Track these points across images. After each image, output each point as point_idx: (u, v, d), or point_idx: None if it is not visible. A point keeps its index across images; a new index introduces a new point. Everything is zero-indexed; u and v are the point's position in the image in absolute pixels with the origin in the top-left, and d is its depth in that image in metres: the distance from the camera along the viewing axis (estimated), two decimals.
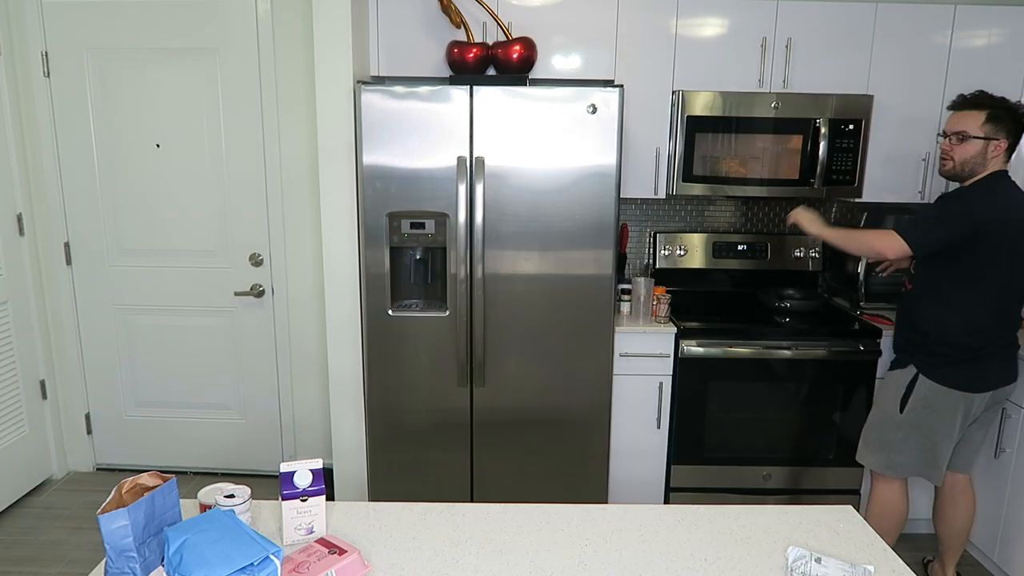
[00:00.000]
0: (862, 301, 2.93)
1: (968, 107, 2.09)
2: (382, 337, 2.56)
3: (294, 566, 1.18)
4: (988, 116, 2.05)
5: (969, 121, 2.08)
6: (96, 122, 3.00)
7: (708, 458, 2.78)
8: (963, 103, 2.11)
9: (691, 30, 2.74)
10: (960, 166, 2.11)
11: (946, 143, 2.12)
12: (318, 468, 1.33)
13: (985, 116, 2.06)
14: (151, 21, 2.90)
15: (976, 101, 2.08)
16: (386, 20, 2.69)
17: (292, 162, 3.02)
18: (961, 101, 2.12)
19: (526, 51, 2.58)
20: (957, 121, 2.11)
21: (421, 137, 2.42)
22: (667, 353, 2.69)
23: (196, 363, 3.22)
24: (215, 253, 3.11)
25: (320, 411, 3.24)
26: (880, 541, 1.37)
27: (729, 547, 1.34)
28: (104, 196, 3.07)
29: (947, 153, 2.13)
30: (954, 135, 2.10)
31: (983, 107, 2.06)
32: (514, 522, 1.42)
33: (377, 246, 2.49)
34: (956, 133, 2.09)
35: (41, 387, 3.15)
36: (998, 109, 2.05)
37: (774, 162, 2.78)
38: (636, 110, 2.74)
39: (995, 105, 2.06)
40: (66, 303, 3.17)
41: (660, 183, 2.83)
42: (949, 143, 2.11)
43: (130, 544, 1.12)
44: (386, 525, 1.40)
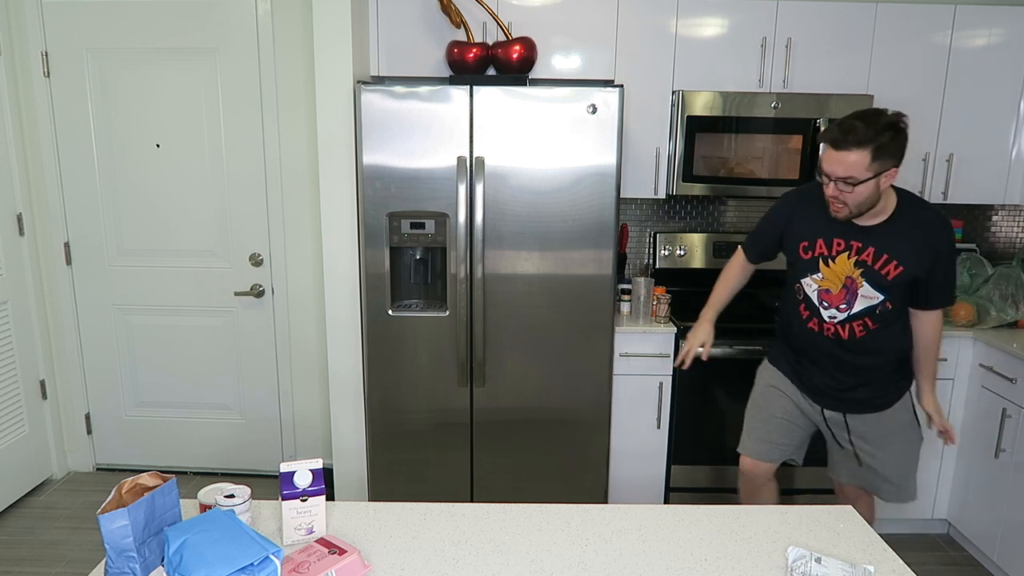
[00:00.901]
0: None
1: (850, 146, 1.73)
2: (382, 337, 2.56)
3: (294, 566, 1.18)
4: (874, 153, 1.73)
5: (855, 165, 1.73)
6: (96, 122, 3.00)
7: (708, 458, 2.78)
8: (844, 141, 1.74)
9: (691, 30, 2.74)
10: (856, 209, 1.80)
11: (832, 189, 1.78)
12: (318, 468, 1.33)
13: (871, 154, 1.72)
14: (151, 21, 2.90)
15: (858, 138, 1.72)
16: (386, 20, 2.69)
17: (292, 162, 3.02)
18: (841, 138, 1.74)
19: (526, 51, 2.58)
20: (840, 164, 1.75)
21: (421, 137, 2.42)
22: (667, 353, 2.69)
23: (196, 363, 3.22)
24: (215, 253, 3.11)
25: (320, 411, 3.24)
26: (880, 541, 1.37)
27: (729, 547, 1.34)
28: (104, 196, 3.07)
29: (838, 201, 1.80)
30: (840, 182, 1.76)
31: (866, 143, 1.72)
32: (514, 522, 1.42)
33: (377, 246, 2.49)
34: (843, 180, 1.75)
35: (41, 387, 3.15)
36: (881, 138, 1.73)
37: (774, 162, 2.78)
38: (636, 110, 2.74)
39: (879, 135, 1.73)
40: (66, 303, 3.17)
41: (660, 183, 2.83)
42: (837, 189, 1.78)
43: (130, 544, 1.12)
44: (386, 525, 1.40)
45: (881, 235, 1.84)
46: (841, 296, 1.89)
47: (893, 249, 1.83)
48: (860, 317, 1.89)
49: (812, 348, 2.01)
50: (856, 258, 1.85)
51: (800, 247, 1.92)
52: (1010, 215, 3.24)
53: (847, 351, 1.96)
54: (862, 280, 1.85)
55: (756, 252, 2.15)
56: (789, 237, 1.97)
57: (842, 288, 1.88)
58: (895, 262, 1.83)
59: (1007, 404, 2.51)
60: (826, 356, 1.99)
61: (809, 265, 1.91)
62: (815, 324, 1.96)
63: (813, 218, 1.91)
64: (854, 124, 1.73)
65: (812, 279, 1.91)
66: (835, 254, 1.87)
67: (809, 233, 1.91)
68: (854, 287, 1.86)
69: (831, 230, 1.87)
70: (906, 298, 1.93)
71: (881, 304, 1.88)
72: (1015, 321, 2.72)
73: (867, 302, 1.87)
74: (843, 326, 1.91)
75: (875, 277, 1.84)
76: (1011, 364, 2.51)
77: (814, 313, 1.95)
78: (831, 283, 1.89)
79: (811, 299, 1.94)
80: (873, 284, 1.85)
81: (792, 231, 1.96)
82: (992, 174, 2.87)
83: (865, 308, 1.88)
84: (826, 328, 1.94)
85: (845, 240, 1.86)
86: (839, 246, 1.86)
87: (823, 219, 1.89)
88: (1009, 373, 2.51)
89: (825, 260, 1.88)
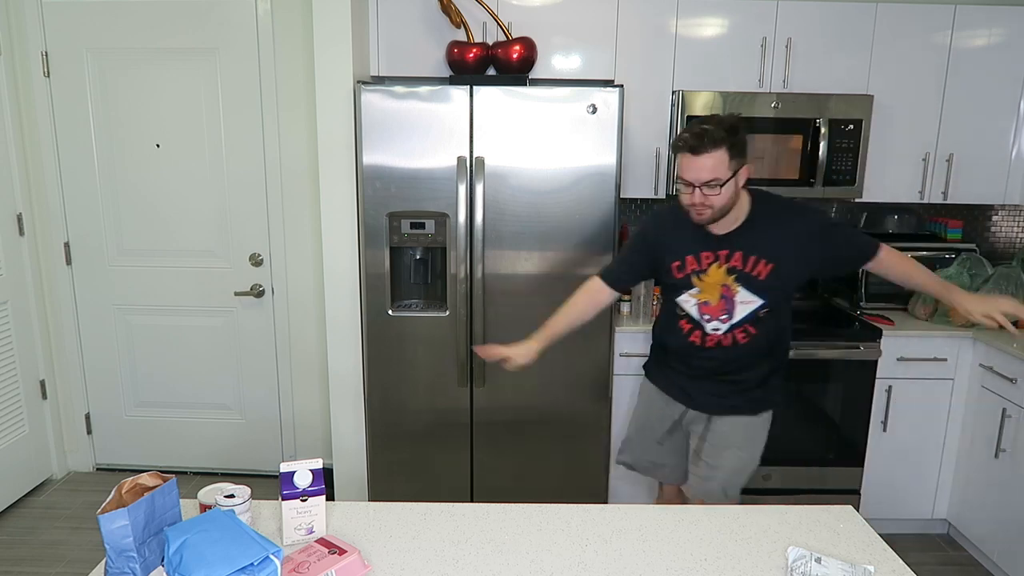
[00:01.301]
0: (862, 301, 2.94)
1: (709, 149, 1.72)
2: (382, 337, 2.56)
3: (294, 566, 1.18)
4: (730, 151, 1.73)
5: (717, 165, 1.73)
6: (96, 122, 3.00)
7: None
8: (702, 146, 1.73)
9: (691, 30, 2.74)
10: (721, 211, 1.79)
11: (697, 196, 1.76)
12: (318, 468, 1.33)
13: (728, 152, 1.72)
14: (151, 21, 2.89)
15: (714, 140, 1.72)
16: (386, 20, 2.69)
17: (292, 162, 3.02)
18: (698, 144, 1.73)
19: (526, 51, 2.58)
20: (704, 168, 1.73)
21: (421, 137, 2.42)
22: None
23: (196, 363, 3.22)
24: (215, 253, 3.11)
25: (320, 411, 3.24)
26: (880, 541, 1.37)
27: (729, 547, 1.34)
28: (104, 196, 3.06)
29: (703, 206, 1.77)
30: (705, 186, 1.74)
31: (721, 143, 1.72)
32: (514, 522, 1.42)
33: (377, 246, 2.49)
34: (707, 184, 1.74)
35: (41, 387, 3.15)
36: (732, 137, 1.74)
37: (774, 162, 2.78)
38: (636, 110, 2.74)
39: (729, 134, 1.74)
40: (66, 303, 3.17)
41: (660, 183, 2.83)
42: (702, 195, 1.75)
43: (130, 544, 1.12)
44: (386, 525, 1.40)
45: (744, 238, 1.84)
46: (721, 306, 1.87)
47: (759, 248, 1.83)
48: (742, 324, 1.88)
49: (695, 360, 1.98)
50: (727, 265, 1.84)
51: (672, 267, 1.91)
52: (1010, 215, 3.24)
53: (731, 360, 1.93)
54: (737, 286, 1.84)
55: (621, 278, 2.07)
56: (660, 261, 1.95)
57: (720, 299, 1.86)
58: (764, 260, 1.82)
59: (1007, 404, 2.51)
60: (709, 367, 1.96)
61: (684, 283, 1.90)
62: (698, 337, 1.94)
63: (679, 238, 1.91)
64: (705, 128, 1.74)
65: (689, 295, 1.89)
66: (706, 267, 1.86)
67: (678, 253, 1.89)
68: (731, 294, 1.85)
69: (697, 246, 1.87)
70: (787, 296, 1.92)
71: (761, 308, 1.86)
72: (1015, 321, 2.71)
73: (747, 308, 1.85)
74: (727, 336, 1.90)
75: (749, 280, 1.84)
76: (1011, 364, 2.51)
77: (697, 327, 1.93)
78: (709, 295, 1.87)
79: (692, 315, 1.92)
80: (749, 288, 1.84)
81: (661, 254, 1.94)
82: (992, 174, 2.87)
83: (746, 315, 1.86)
84: (709, 339, 1.92)
85: (713, 252, 1.85)
86: (708, 259, 1.86)
87: (687, 237, 1.88)
88: (1009, 373, 2.51)
89: (698, 275, 1.88)
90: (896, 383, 2.71)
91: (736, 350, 1.93)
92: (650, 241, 1.99)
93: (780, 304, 1.91)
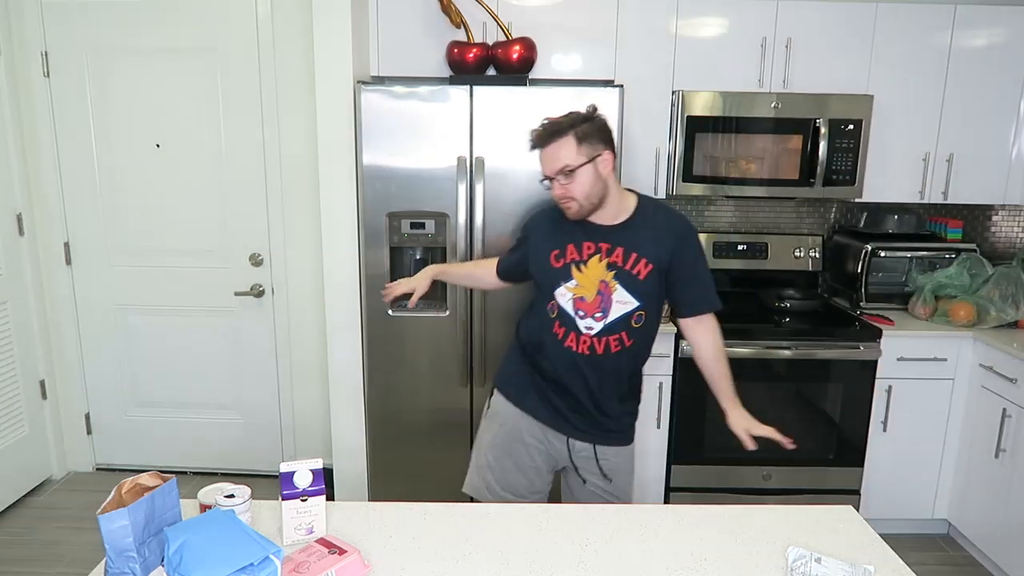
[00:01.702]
0: (862, 301, 2.94)
1: (551, 139, 1.74)
2: (382, 337, 2.56)
3: (294, 566, 1.18)
4: (577, 138, 1.73)
5: (563, 152, 1.73)
6: (96, 122, 3.00)
7: (708, 458, 2.77)
8: (542, 137, 1.75)
9: (691, 30, 2.74)
10: (586, 200, 1.76)
11: (557, 188, 1.76)
12: (318, 468, 1.33)
13: (575, 139, 1.73)
14: (151, 21, 2.89)
15: (553, 130, 1.74)
16: (386, 20, 2.69)
17: (292, 162, 3.02)
18: (537, 137, 1.76)
19: (526, 51, 2.58)
20: (551, 158, 1.75)
21: (421, 137, 2.42)
22: (667, 353, 2.69)
23: (196, 363, 3.21)
24: (215, 253, 3.11)
25: (320, 411, 3.23)
26: (880, 541, 1.37)
27: (729, 547, 1.34)
28: (104, 196, 3.06)
29: (566, 197, 1.76)
30: (559, 175, 1.74)
31: (565, 131, 1.73)
32: (514, 522, 1.42)
33: (377, 246, 2.49)
34: (560, 171, 1.74)
35: (41, 387, 3.15)
36: (579, 125, 1.74)
37: (774, 162, 2.78)
38: (636, 110, 2.74)
39: (574, 123, 1.74)
40: (66, 303, 3.17)
41: (660, 183, 2.83)
42: (561, 185, 1.75)
43: (130, 544, 1.12)
44: (386, 525, 1.40)
45: (625, 233, 1.82)
46: (596, 303, 1.82)
47: (639, 246, 1.80)
48: (616, 330, 1.83)
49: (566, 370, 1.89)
50: (607, 260, 1.80)
51: (551, 256, 1.86)
52: (1010, 215, 3.24)
53: (602, 370, 1.87)
54: (615, 283, 1.80)
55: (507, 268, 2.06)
56: (538, 251, 1.90)
57: (597, 295, 1.82)
58: (644, 259, 1.79)
59: (1007, 404, 2.51)
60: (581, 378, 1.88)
61: (562, 273, 1.85)
62: (572, 341, 1.85)
63: (560, 229, 1.88)
64: (548, 120, 1.77)
65: (566, 287, 1.84)
66: (586, 258, 1.82)
67: (559, 241, 1.86)
68: (608, 292, 1.81)
69: (579, 235, 1.84)
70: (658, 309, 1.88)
71: (636, 312, 1.82)
72: (1015, 321, 2.72)
73: (622, 308, 1.81)
74: (599, 340, 1.83)
75: (627, 278, 1.80)
76: (1011, 364, 2.51)
77: (571, 327, 1.85)
78: (585, 290, 1.83)
79: (566, 311, 1.85)
80: (626, 287, 1.80)
81: (540, 244, 1.90)
82: (992, 174, 2.87)
83: (621, 316, 1.81)
84: (582, 342, 1.84)
85: (594, 243, 1.82)
86: (589, 249, 1.82)
87: (569, 228, 1.86)
88: (1009, 373, 2.51)
89: (577, 265, 1.83)
90: (896, 383, 2.71)
91: (608, 360, 1.85)
92: (531, 230, 1.97)
93: (652, 316, 1.86)
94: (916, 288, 2.87)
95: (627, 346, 1.84)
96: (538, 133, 1.77)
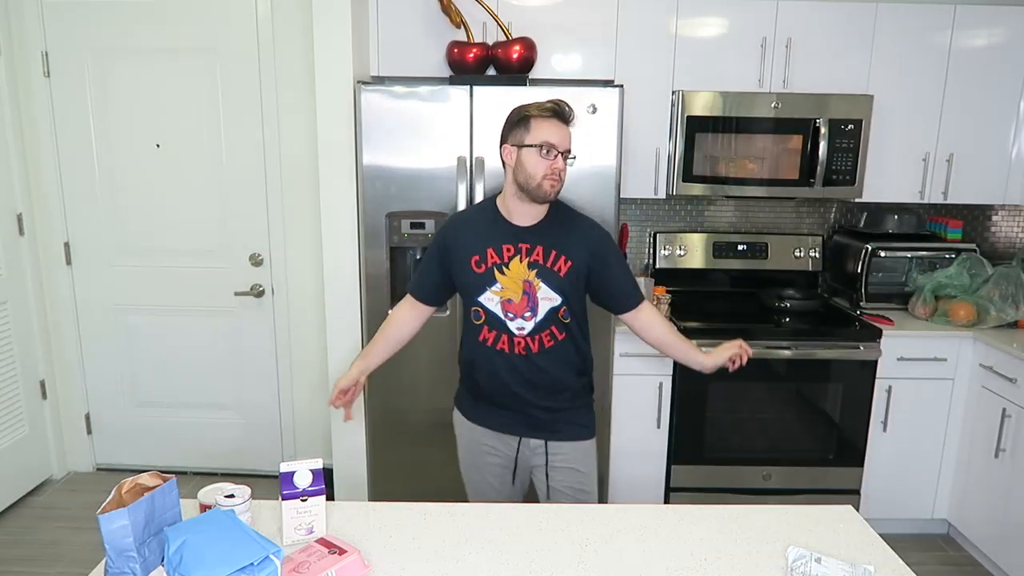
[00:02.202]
0: (862, 301, 2.94)
1: (570, 121, 1.78)
2: None
3: (294, 566, 1.18)
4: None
5: (570, 136, 1.78)
6: (96, 122, 3.00)
7: (708, 458, 2.77)
8: (568, 116, 1.77)
9: (691, 30, 2.74)
10: (561, 186, 1.79)
11: (559, 163, 1.75)
12: (318, 468, 1.33)
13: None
14: (151, 21, 2.89)
15: (572, 114, 1.78)
16: (386, 20, 2.69)
17: (292, 162, 3.02)
18: (567, 112, 1.77)
19: (526, 51, 2.58)
20: (568, 137, 1.77)
21: (421, 137, 2.42)
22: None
23: (196, 363, 3.21)
24: (215, 253, 3.11)
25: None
26: (880, 541, 1.37)
27: (729, 547, 1.34)
28: (104, 196, 3.06)
29: (559, 175, 1.76)
30: (567, 154, 1.76)
31: (571, 118, 1.78)
32: (514, 522, 1.42)
33: (377, 246, 2.49)
34: (568, 152, 1.76)
35: (41, 387, 3.15)
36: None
37: (774, 162, 2.78)
38: (636, 110, 2.74)
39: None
40: (66, 303, 3.17)
41: (660, 183, 2.83)
42: (563, 163, 1.76)
43: (130, 544, 1.12)
44: (386, 525, 1.40)
45: (544, 233, 1.82)
46: (524, 304, 1.82)
47: (559, 244, 1.81)
48: (547, 327, 1.82)
49: (505, 373, 1.87)
50: (528, 260, 1.80)
51: (471, 262, 1.84)
52: (1010, 215, 3.24)
53: (541, 368, 1.86)
54: (539, 282, 1.80)
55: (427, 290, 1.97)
56: (457, 259, 1.87)
57: (523, 295, 1.81)
58: (564, 256, 1.80)
59: (1007, 404, 2.51)
60: (521, 379, 1.87)
61: (485, 278, 1.83)
62: (504, 344, 1.85)
63: (476, 234, 1.86)
64: (563, 101, 1.77)
65: (491, 292, 1.82)
66: (508, 260, 1.81)
67: (477, 247, 1.84)
68: (533, 291, 1.81)
69: (498, 238, 1.83)
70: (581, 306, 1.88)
71: (561, 307, 1.82)
72: (1015, 321, 2.72)
73: (549, 304, 1.81)
74: (533, 339, 1.83)
75: (549, 276, 1.80)
76: (1011, 364, 2.51)
77: (502, 330, 1.84)
78: (511, 291, 1.81)
79: (495, 314, 1.83)
80: (549, 284, 1.80)
81: (459, 253, 1.87)
82: (992, 174, 2.87)
83: (549, 312, 1.81)
84: (516, 343, 1.84)
85: (514, 244, 1.81)
86: (509, 251, 1.81)
87: (486, 232, 1.84)
88: (1009, 373, 2.51)
89: (500, 268, 1.82)
90: (896, 383, 2.71)
91: (544, 357, 1.84)
92: (447, 244, 1.90)
93: (576, 311, 1.86)
94: (916, 288, 2.87)
95: (560, 340, 1.84)
96: (564, 108, 1.76)
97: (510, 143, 1.77)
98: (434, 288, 1.95)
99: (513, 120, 1.78)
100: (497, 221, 1.84)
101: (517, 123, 1.76)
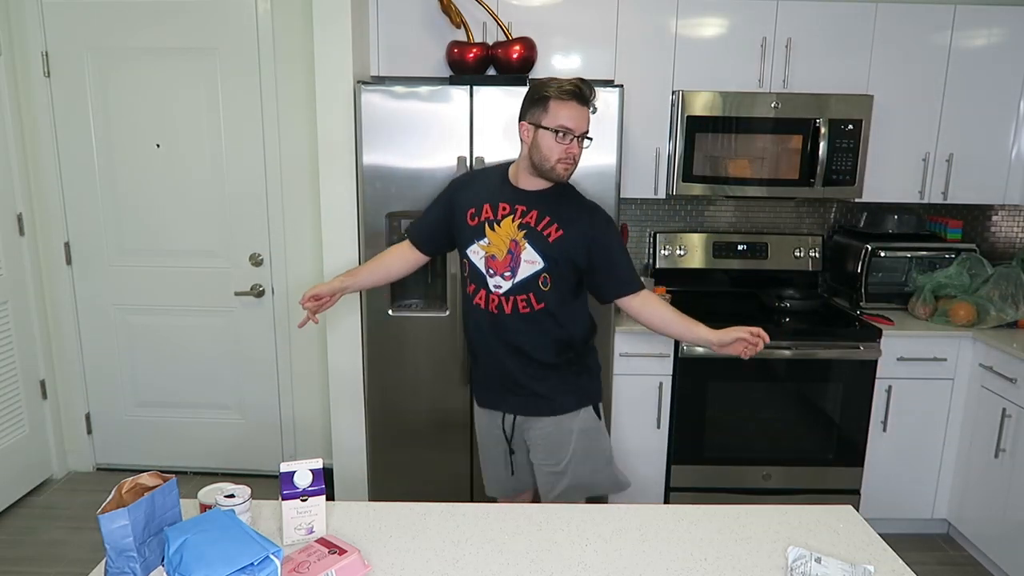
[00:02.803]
0: (862, 301, 2.94)
1: (590, 103, 1.80)
2: (382, 337, 2.56)
3: (294, 566, 1.18)
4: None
5: (588, 119, 1.80)
6: (96, 122, 3.00)
7: (708, 458, 2.78)
8: (589, 99, 1.78)
9: (691, 30, 2.74)
10: (575, 168, 1.83)
11: (575, 147, 1.78)
12: (318, 468, 1.33)
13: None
14: (151, 21, 2.89)
15: (593, 93, 1.79)
16: (386, 20, 2.69)
17: (292, 162, 3.02)
18: (588, 94, 1.77)
19: (526, 51, 2.58)
20: (586, 120, 1.78)
21: (421, 137, 2.42)
22: (667, 353, 2.69)
23: (196, 363, 3.21)
24: (215, 253, 3.11)
25: (320, 411, 3.24)
26: (880, 541, 1.37)
27: (729, 547, 1.34)
28: (104, 196, 3.06)
29: (573, 157, 1.79)
30: (583, 137, 1.78)
31: (593, 99, 1.80)
32: (514, 522, 1.42)
33: (377, 246, 2.49)
34: (585, 135, 1.79)
35: (41, 387, 3.15)
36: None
37: (774, 162, 2.78)
38: (636, 110, 2.74)
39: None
40: (66, 303, 3.17)
41: (660, 183, 2.83)
42: (579, 147, 1.79)
43: (130, 544, 1.12)
44: (386, 525, 1.40)
45: (544, 200, 1.85)
46: (506, 262, 1.85)
47: (554, 213, 1.83)
48: (524, 291, 1.85)
49: (482, 331, 1.93)
50: (520, 221, 1.84)
51: (468, 215, 1.90)
52: (1010, 215, 3.24)
53: (513, 331, 1.89)
54: (525, 243, 1.83)
55: (423, 235, 2.05)
56: (459, 209, 1.93)
57: (507, 254, 1.85)
58: (556, 224, 1.83)
59: (1007, 404, 2.51)
60: (497, 340, 1.91)
61: (476, 231, 1.89)
62: (482, 299, 1.90)
63: (478, 189, 1.92)
64: (585, 81, 1.77)
65: (479, 245, 1.88)
66: (500, 218, 1.86)
67: (476, 201, 1.90)
68: (517, 251, 1.84)
69: (497, 196, 1.88)
70: (567, 280, 1.88)
71: (542, 273, 1.83)
72: (1015, 321, 2.72)
73: (530, 268, 1.84)
74: (507, 299, 1.86)
75: (537, 239, 1.83)
76: (1011, 364, 2.51)
77: (481, 284, 1.90)
78: (496, 248, 1.86)
79: (477, 268, 1.90)
80: (535, 247, 1.83)
81: (461, 203, 1.93)
82: (992, 174, 2.87)
83: (529, 276, 1.84)
84: (491, 300, 1.88)
85: (511, 205, 1.86)
86: (504, 210, 1.86)
87: (488, 189, 1.91)
88: (1009, 373, 2.51)
89: (491, 224, 1.87)
90: (896, 383, 2.71)
91: (517, 321, 1.87)
92: (450, 194, 1.99)
93: (560, 282, 1.86)
94: (916, 288, 2.87)
95: (536, 310, 1.86)
96: (585, 89, 1.76)
97: (528, 121, 1.80)
98: (429, 230, 2.02)
99: (533, 97, 1.79)
100: (504, 184, 1.89)
101: (536, 101, 1.78)
